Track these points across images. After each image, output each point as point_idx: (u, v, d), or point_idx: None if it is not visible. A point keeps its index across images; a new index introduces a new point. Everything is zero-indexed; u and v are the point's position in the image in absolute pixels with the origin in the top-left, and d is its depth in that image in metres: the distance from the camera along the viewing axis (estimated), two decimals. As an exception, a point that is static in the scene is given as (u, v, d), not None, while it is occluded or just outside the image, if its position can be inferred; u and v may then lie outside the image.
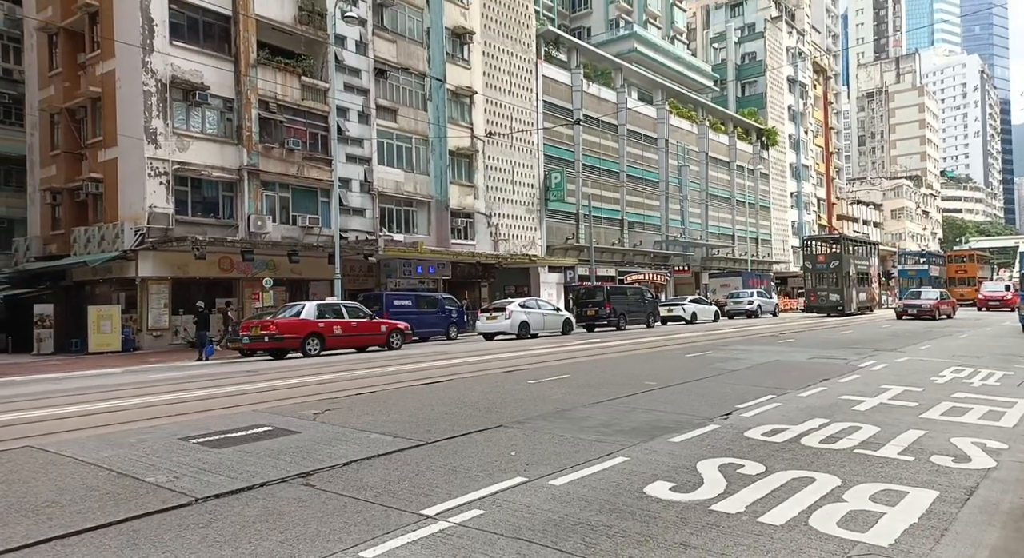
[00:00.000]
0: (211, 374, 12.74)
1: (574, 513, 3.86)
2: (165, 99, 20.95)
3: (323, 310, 17.37)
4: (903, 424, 6.27)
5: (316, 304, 17.70)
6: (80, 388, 11.01)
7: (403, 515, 3.86)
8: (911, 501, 4.04)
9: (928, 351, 13.95)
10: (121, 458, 5.27)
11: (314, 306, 17.40)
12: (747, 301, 35.56)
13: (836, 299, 33.38)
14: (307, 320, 16.67)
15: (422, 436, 5.96)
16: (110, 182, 21.78)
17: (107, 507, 4.08)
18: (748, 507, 3.94)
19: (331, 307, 17.94)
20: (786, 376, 10.07)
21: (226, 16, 22.59)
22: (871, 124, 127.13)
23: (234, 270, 22.45)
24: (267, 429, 6.40)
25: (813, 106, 70.60)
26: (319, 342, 16.83)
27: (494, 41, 33.01)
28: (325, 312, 17.33)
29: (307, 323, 16.63)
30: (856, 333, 20.15)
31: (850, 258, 34.34)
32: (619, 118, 41.09)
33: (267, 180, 23.43)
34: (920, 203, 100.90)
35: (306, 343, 16.55)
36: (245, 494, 4.33)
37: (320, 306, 17.57)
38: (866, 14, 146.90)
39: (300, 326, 16.52)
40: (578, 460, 5.05)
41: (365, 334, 18.18)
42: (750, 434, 5.90)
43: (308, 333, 16.58)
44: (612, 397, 8.11)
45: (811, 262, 34.87)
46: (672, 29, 56.53)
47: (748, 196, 55.06)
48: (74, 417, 7.71)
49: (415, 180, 28.72)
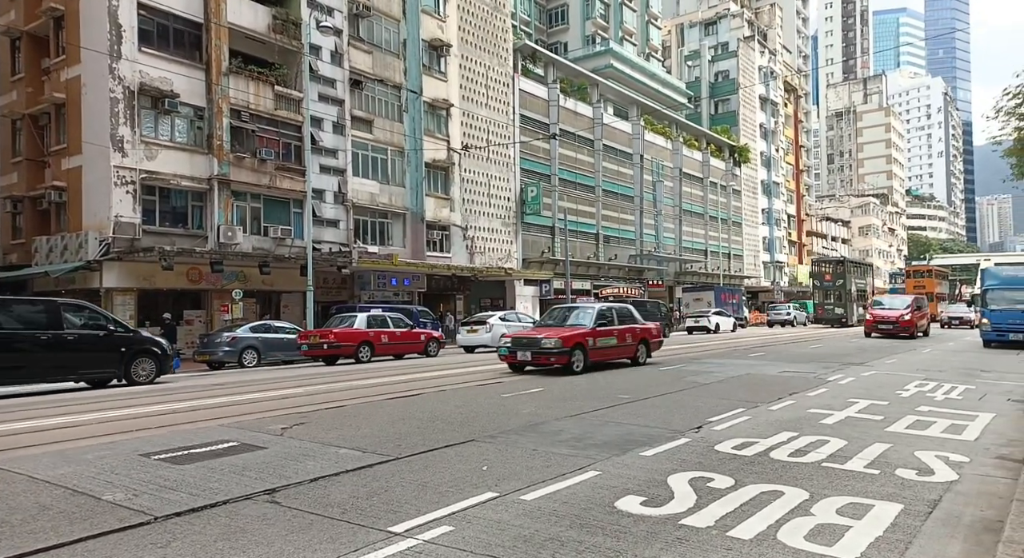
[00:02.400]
0: (176, 387, 12.41)
1: (544, 529, 3.83)
2: (133, 106, 20.57)
3: (372, 321, 19.03)
4: (869, 437, 6.38)
5: (367, 315, 19.23)
6: (36, 402, 10.61)
7: (371, 532, 3.78)
8: (877, 514, 4.09)
9: (893, 365, 14.26)
10: (78, 475, 5.08)
11: (365, 317, 19.00)
12: (706, 319, 36.24)
13: (840, 312, 38.71)
14: (360, 330, 18.44)
15: (392, 451, 5.87)
16: (74, 190, 21.24)
17: (60, 527, 3.92)
18: (718, 521, 3.95)
19: (378, 318, 19.44)
20: (756, 390, 10.19)
21: (197, 23, 22.33)
22: (840, 143, 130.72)
23: (203, 281, 22.00)
24: (233, 444, 6.24)
25: (784, 124, 72.42)
26: (369, 349, 18.47)
27: (471, 54, 33.21)
28: (373, 323, 19.03)
29: (360, 332, 18.38)
30: (825, 347, 20.53)
31: (851, 277, 39.26)
32: (595, 133, 41.58)
33: (238, 190, 23.10)
34: (886, 220, 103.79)
35: (359, 350, 18.20)
36: (207, 512, 4.20)
37: (370, 317, 19.14)
38: (835, 35, 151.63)
39: (354, 335, 18.23)
40: (550, 474, 5.02)
41: (407, 342, 19.89)
42: (720, 448, 5.94)
43: (360, 341, 18.28)
44: (585, 410, 8.11)
45: (819, 280, 39.95)
46: (648, 46, 57.61)
47: (720, 212, 56.04)
48: (29, 432, 7.41)
49: (390, 192, 28.60)
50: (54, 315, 12.20)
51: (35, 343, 11.75)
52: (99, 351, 12.61)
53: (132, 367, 13.05)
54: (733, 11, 67.60)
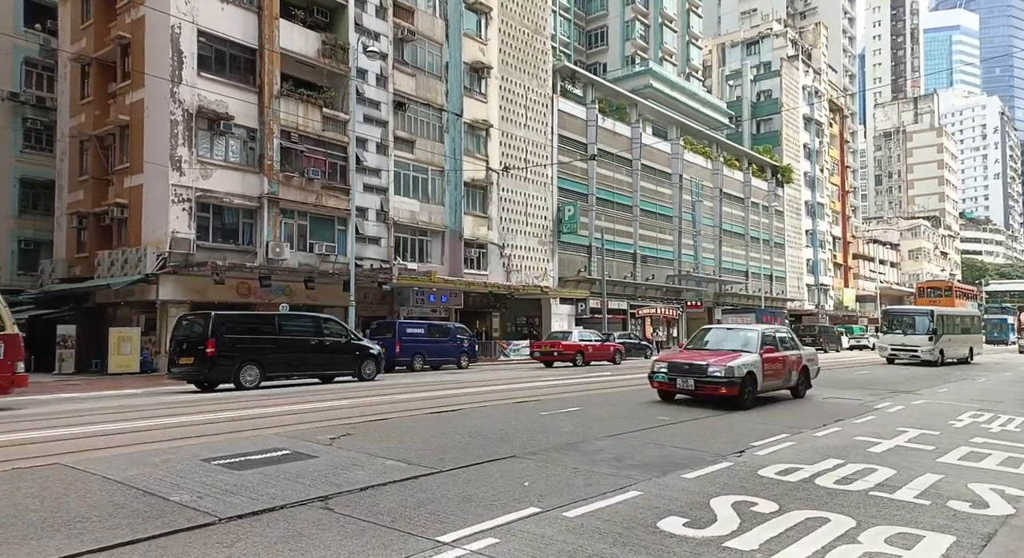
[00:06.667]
0: (229, 397, 12.88)
1: (588, 545, 3.92)
2: (191, 128, 21.61)
3: (584, 335, 25.49)
4: (920, 467, 6.25)
5: (580, 329, 27.17)
6: (104, 408, 11.19)
7: (420, 541, 3.94)
8: (927, 545, 4.04)
9: (945, 394, 13.78)
10: (146, 477, 5.40)
11: (579, 331, 26.26)
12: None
13: None
14: (578, 342, 24.40)
15: (436, 464, 6.04)
16: (135, 207, 22.36)
17: (135, 524, 4.20)
18: (762, 545, 3.97)
19: (587, 332, 26.42)
20: (800, 415, 10.02)
21: (252, 49, 23.41)
22: (888, 163, 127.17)
23: (252, 295, 22.77)
24: (286, 452, 6.51)
25: (829, 144, 70.97)
26: (582, 357, 24.06)
27: (511, 76, 33.81)
28: (584, 336, 25.31)
29: (579, 345, 24.30)
30: (872, 374, 19.94)
31: None
32: (633, 153, 41.58)
33: (286, 208, 23.93)
34: (938, 244, 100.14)
35: (575, 358, 23.83)
36: (266, 515, 4.43)
37: (581, 332, 26.14)
38: (884, 54, 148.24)
39: (575, 347, 24.06)
40: (591, 492, 5.10)
41: (604, 352, 25.56)
42: (764, 472, 5.91)
43: (577, 351, 24.00)
44: (624, 431, 8.14)
45: None
46: (688, 66, 57.54)
47: (762, 233, 55.08)
48: (100, 436, 7.86)
49: (430, 210, 29.16)
50: (318, 326, 16.18)
51: (309, 347, 15.61)
52: (343, 354, 16.20)
53: (361, 367, 16.51)
54: (776, 30, 67.01)
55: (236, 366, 14.17)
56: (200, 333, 14.19)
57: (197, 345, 14.09)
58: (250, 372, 14.35)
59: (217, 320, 14.30)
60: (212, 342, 13.87)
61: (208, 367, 13.97)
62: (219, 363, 13.96)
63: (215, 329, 14.07)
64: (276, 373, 14.99)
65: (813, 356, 13.18)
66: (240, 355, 14.24)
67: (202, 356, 13.89)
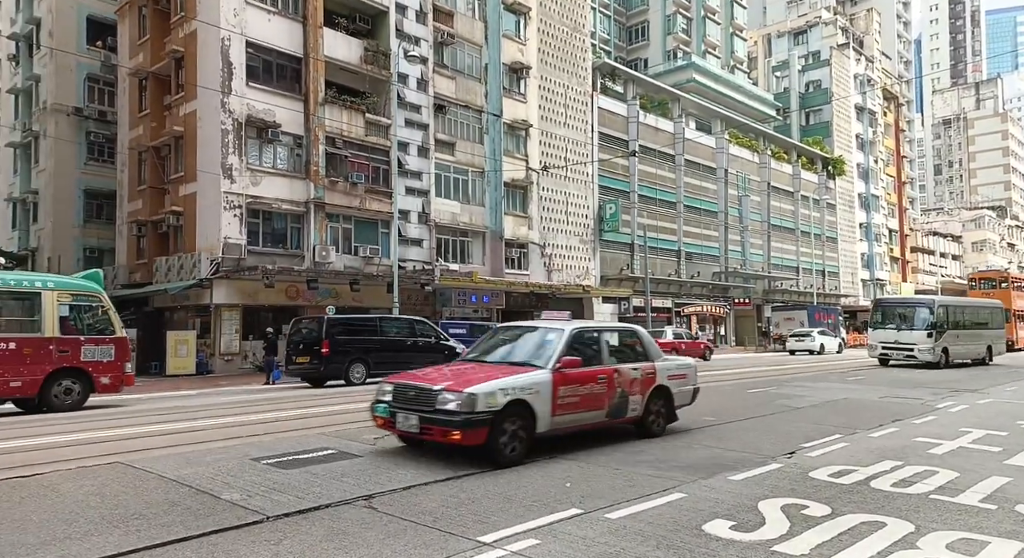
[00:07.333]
0: (278, 398, 13.26)
1: (630, 547, 3.85)
2: (241, 136, 22.35)
3: (676, 333, 29.57)
4: (985, 470, 5.93)
5: (672, 328, 31.51)
6: (161, 409, 11.70)
7: (461, 541, 3.95)
8: (993, 552, 3.83)
9: (1014, 393, 13.05)
10: (199, 476, 5.60)
11: (672, 330, 29.94)
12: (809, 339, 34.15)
13: None
14: (668, 341, 26.71)
15: (476, 464, 6.05)
16: (189, 215, 23.27)
17: (188, 521, 4.35)
18: (813, 549, 3.83)
19: (675, 332, 29.84)
20: (855, 415, 9.65)
21: (297, 58, 24.05)
22: (948, 152, 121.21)
23: (300, 298, 23.39)
24: (331, 452, 6.65)
25: (883, 134, 68.12)
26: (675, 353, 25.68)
27: (550, 75, 33.70)
28: (676, 333, 29.55)
29: (669, 342, 26.33)
30: (932, 372, 19.04)
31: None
32: (676, 148, 40.88)
33: (332, 212, 24.48)
34: (1004, 235, 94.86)
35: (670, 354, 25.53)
36: (312, 514, 4.52)
37: (674, 332, 30.02)
38: (941, 39, 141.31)
39: (669, 344, 25.66)
40: (633, 494, 5.02)
41: (695, 349, 27.99)
42: (815, 474, 5.71)
43: (672, 348, 24.78)
44: (667, 431, 7.98)
45: None
46: (732, 58, 56.22)
47: (813, 227, 53.31)
48: (157, 436, 8.21)
49: (471, 211, 29.34)
50: (412, 328, 17.74)
51: (405, 347, 17.10)
52: (433, 353, 16.85)
53: None
54: (825, 19, 64.73)
55: (346, 364, 15.90)
56: (314, 335, 15.97)
57: (312, 346, 15.82)
58: (358, 369, 16.09)
59: (330, 323, 16.13)
60: (326, 343, 15.54)
61: (323, 365, 15.66)
62: (332, 361, 15.67)
63: (328, 331, 15.73)
64: (379, 370, 15.95)
65: (684, 370, 8.49)
66: (349, 354, 15.96)
67: (318, 355, 15.63)
